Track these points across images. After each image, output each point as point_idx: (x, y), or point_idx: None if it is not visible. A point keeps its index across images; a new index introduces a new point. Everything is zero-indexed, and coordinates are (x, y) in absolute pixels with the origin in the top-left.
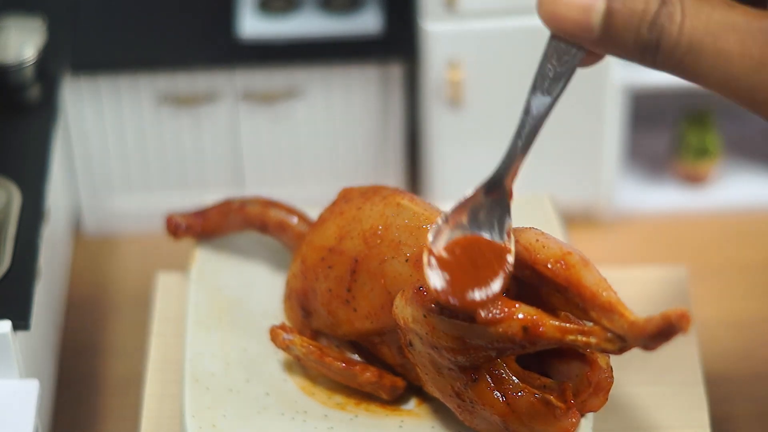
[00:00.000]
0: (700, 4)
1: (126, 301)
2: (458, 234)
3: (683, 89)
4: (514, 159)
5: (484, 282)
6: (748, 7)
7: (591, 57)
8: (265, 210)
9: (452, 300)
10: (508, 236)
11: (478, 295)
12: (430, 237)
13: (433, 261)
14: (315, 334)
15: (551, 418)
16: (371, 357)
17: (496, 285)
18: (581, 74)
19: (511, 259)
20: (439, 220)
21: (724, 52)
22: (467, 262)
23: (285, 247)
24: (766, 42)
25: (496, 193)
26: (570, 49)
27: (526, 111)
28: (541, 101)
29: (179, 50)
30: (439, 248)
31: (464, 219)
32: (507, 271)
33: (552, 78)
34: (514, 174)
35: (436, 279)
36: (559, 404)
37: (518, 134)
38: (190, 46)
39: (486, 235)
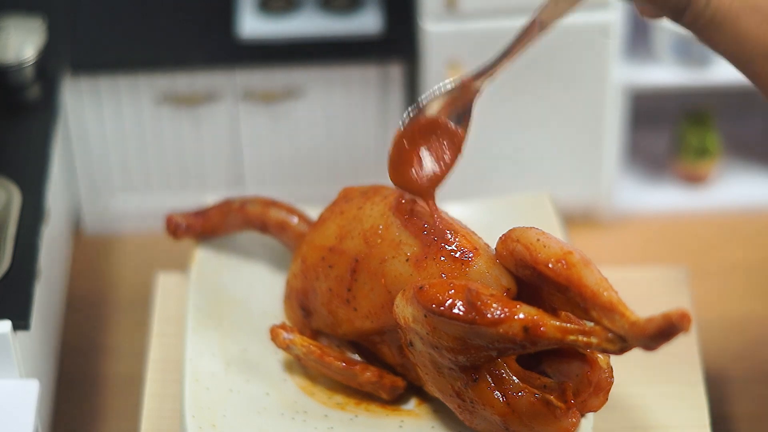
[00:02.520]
0: None
1: (126, 301)
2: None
3: (683, 89)
4: (495, 64)
5: (431, 163)
6: None
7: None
8: (265, 210)
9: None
10: (465, 124)
11: (417, 174)
12: (401, 122)
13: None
14: (315, 334)
15: (551, 418)
16: (371, 357)
17: (438, 166)
18: (581, 74)
19: (461, 144)
20: (412, 108)
21: (742, 32)
22: (422, 145)
23: (285, 246)
24: None
25: (466, 90)
26: None
27: (525, 28)
28: (544, 22)
29: (179, 50)
30: (407, 134)
31: (434, 107)
32: (456, 152)
33: (556, 7)
34: (490, 75)
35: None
36: (560, 404)
37: (509, 46)
38: (190, 46)
39: (447, 121)
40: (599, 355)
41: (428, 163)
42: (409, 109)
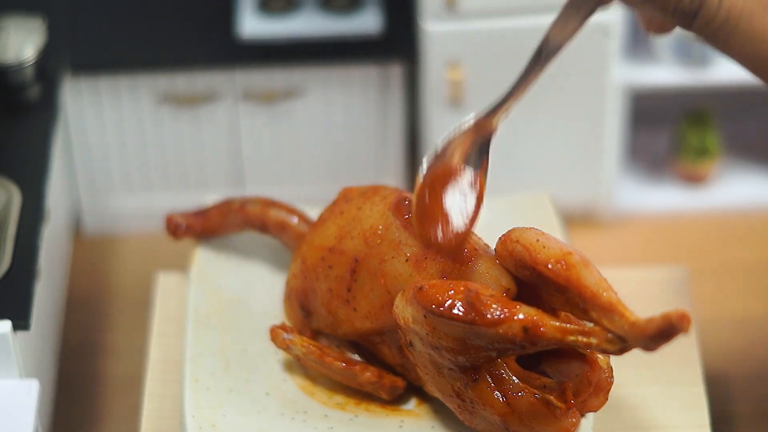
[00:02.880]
0: None
1: (126, 301)
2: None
3: (683, 89)
4: (508, 97)
5: (456, 217)
6: None
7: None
8: (265, 210)
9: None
10: (483, 169)
11: (444, 231)
12: (421, 173)
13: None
14: (315, 334)
15: (551, 418)
16: (371, 357)
17: (462, 219)
18: (581, 74)
19: (482, 192)
20: (432, 152)
21: (758, 32)
22: (441, 198)
23: (285, 247)
24: None
25: (482, 129)
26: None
27: (537, 53)
28: (553, 45)
29: (179, 50)
30: (427, 185)
31: (453, 152)
32: (478, 199)
33: (569, 23)
34: (504, 112)
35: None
36: (559, 404)
37: (520, 77)
38: (190, 46)
39: (465, 166)
40: (599, 356)
41: (453, 216)
42: (427, 156)
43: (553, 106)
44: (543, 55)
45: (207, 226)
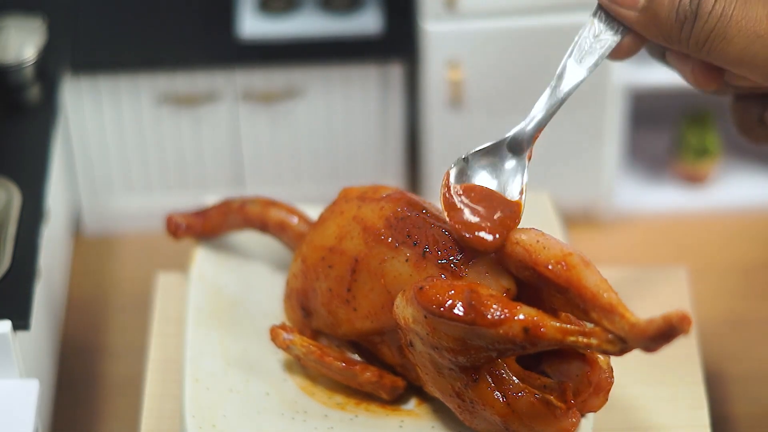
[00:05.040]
0: None
1: (126, 301)
2: (475, 180)
3: (683, 89)
4: (540, 124)
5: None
6: None
7: (624, 48)
8: (265, 210)
9: (463, 232)
10: (520, 194)
11: (486, 234)
12: (451, 174)
13: (452, 196)
14: (315, 334)
15: (551, 418)
16: (371, 357)
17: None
18: None
19: (519, 217)
20: (460, 161)
21: (752, 31)
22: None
23: (285, 246)
24: None
25: (516, 151)
26: (609, 28)
27: (560, 76)
28: (574, 71)
29: (179, 50)
30: (457, 188)
31: (483, 165)
32: (514, 225)
33: (588, 52)
34: (536, 138)
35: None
36: (560, 404)
37: (549, 98)
38: (190, 46)
39: (500, 190)
40: (599, 355)
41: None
42: (459, 160)
43: None
44: (559, 94)
45: (207, 226)
